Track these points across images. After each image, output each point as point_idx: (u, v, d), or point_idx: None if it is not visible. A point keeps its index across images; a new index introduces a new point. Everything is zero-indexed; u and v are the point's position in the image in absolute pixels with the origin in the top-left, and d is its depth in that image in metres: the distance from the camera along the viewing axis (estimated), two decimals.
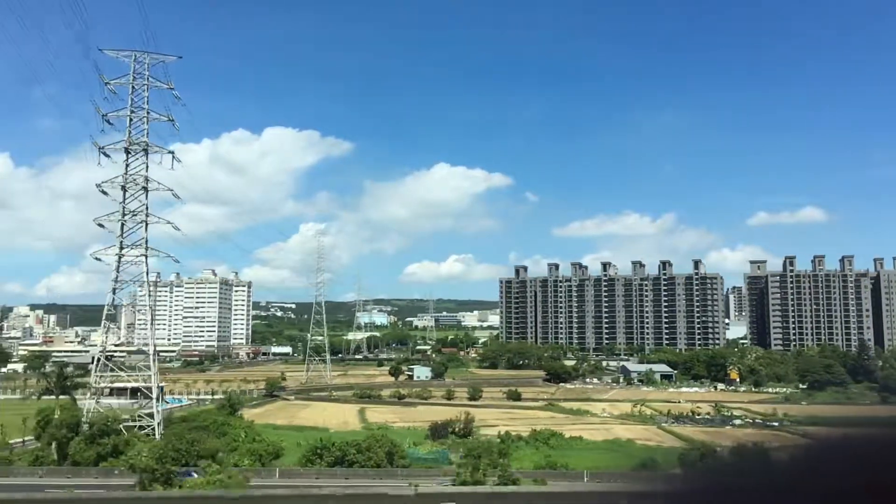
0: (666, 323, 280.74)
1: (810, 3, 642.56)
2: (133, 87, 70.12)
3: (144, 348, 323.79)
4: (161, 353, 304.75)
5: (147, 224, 72.08)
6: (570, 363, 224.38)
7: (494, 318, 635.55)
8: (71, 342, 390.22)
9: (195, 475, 62.69)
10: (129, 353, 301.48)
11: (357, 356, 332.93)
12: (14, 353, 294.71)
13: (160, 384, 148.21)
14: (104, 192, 71.91)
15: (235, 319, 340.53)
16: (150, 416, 75.91)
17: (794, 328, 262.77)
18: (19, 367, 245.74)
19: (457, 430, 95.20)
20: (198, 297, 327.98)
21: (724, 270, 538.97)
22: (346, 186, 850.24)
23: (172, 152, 73.40)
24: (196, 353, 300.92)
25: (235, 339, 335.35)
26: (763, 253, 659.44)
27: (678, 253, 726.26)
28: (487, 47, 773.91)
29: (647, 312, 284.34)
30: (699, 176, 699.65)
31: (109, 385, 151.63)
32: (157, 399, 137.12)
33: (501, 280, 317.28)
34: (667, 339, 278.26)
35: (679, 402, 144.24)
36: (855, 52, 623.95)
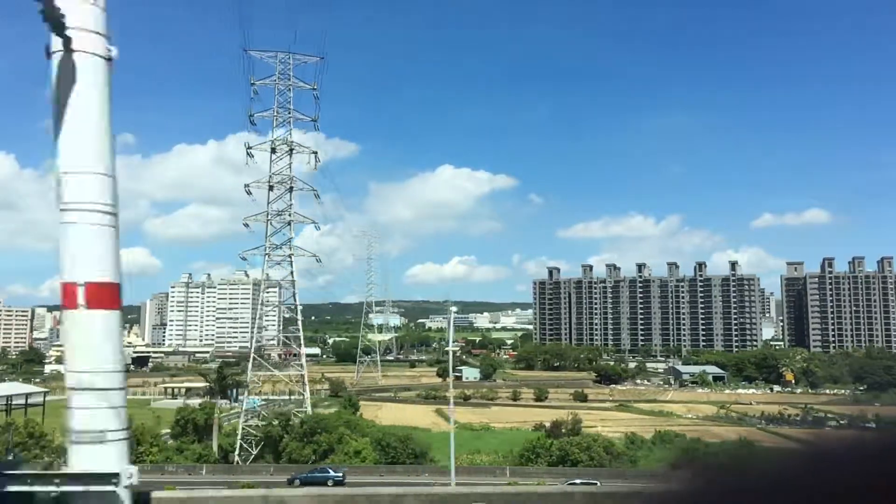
0: (703, 324, 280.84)
1: (816, 3, 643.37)
2: (278, 87, 70.62)
3: (181, 349, 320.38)
4: (196, 355, 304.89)
5: (292, 224, 72.41)
6: (607, 364, 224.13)
7: (507, 320, 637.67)
8: None
9: (331, 471, 62.63)
10: (167, 354, 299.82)
11: (388, 357, 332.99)
12: (48, 354, 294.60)
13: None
14: (249, 193, 72.37)
15: (267, 320, 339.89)
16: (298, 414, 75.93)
17: (833, 330, 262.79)
18: (61, 368, 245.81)
19: (565, 430, 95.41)
20: (231, 298, 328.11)
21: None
22: (350, 188, 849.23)
23: (315, 152, 73.79)
24: (230, 353, 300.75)
25: (267, 339, 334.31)
26: (767, 255, 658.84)
27: (683, 254, 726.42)
28: (493, 49, 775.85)
29: (683, 314, 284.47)
30: (704, 177, 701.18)
31: (183, 385, 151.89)
32: (236, 399, 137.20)
33: (535, 281, 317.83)
34: (703, 340, 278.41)
35: (751, 403, 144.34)
36: (860, 52, 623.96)
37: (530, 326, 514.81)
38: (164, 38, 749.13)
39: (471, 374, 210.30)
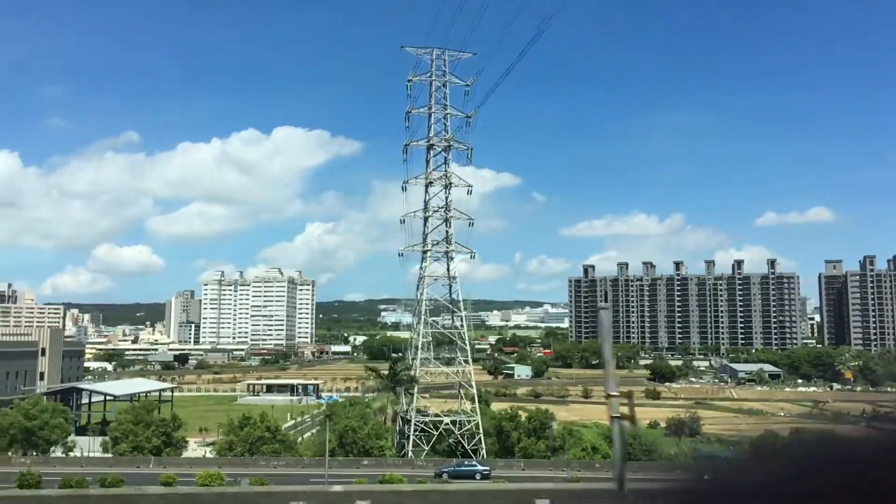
0: (741, 322, 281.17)
1: (819, 4, 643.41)
2: (433, 84, 70.56)
3: (218, 346, 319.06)
4: (233, 352, 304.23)
5: (450, 221, 72.33)
6: (660, 363, 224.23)
7: (518, 318, 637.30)
8: (124, 340, 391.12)
9: (478, 465, 62.72)
10: (206, 351, 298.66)
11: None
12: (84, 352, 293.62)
13: (316, 382, 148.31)
14: (404, 189, 72.47)
15: (300, 318, 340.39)
16: (463, 412, 76.10)
17: (874, 327, 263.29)
18: (107, 365, 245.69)
19: (687, 430, 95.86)
20: (265, 296, 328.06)
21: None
22: (354, 186, 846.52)
23: (470, 147, 73.77)
24: (265, 351, 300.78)
25: (300, 337, 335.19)
26: (771, 253, 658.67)
27: (685, 253, 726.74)
28: (496, 48, 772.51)
29: (721, 312, 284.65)
30: (707, 176, 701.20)
31: (267, 382, 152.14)
32: (318, 395, 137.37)
33: (570, 279, 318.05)
34: (742, 338, 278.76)
35: (826, 401, 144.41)
36: (862, 53, 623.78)
37: (543, 324, 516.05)
38: (167, 37, 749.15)
39: (522, 371, 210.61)
